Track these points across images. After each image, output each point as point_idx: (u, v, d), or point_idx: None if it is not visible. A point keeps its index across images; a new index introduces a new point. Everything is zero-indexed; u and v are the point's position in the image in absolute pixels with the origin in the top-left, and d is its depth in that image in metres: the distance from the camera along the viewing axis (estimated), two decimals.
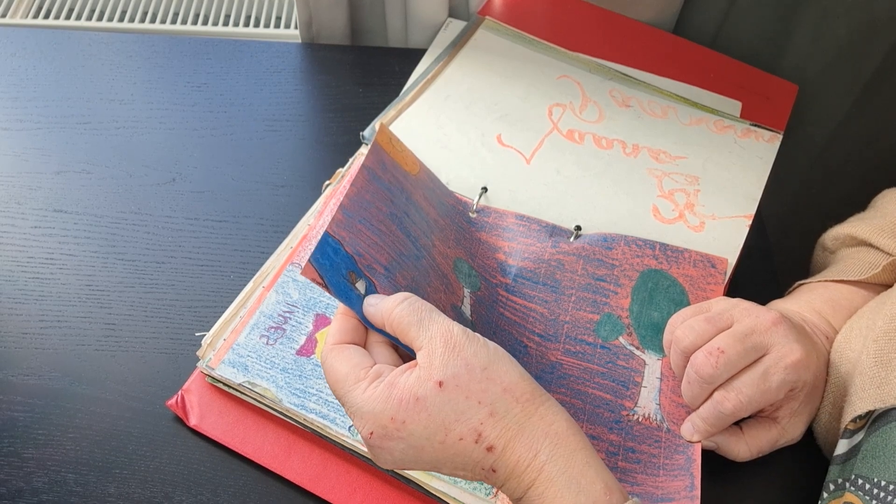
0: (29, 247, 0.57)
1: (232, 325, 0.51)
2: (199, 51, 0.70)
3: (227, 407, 0.49)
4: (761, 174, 0.61)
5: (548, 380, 0.49)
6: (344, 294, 0.39)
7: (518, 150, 0.61)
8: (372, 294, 0.40)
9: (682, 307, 0.51)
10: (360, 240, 0.42)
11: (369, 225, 0.43)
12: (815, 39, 0.72)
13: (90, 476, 0.47)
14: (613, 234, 0.55)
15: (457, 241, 0.52)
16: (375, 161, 0.47)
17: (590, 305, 0.52)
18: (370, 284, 0.41)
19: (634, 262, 0.54)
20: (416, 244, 0.46)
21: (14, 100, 0.65)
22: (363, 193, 0.44)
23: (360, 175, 0.45)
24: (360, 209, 0.43)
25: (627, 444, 0.47)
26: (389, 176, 0.47)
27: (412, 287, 0.43)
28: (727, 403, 0.44)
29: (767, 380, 0.44)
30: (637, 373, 0.50)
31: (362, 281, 0.41)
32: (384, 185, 0.46)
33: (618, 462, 0.47)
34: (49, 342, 0.52)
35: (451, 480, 0.46)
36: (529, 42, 0.69)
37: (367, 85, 0.68)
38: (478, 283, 0.51)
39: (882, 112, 0.77)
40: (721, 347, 0.44)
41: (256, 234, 0.58)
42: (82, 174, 0.61)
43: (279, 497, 0.47)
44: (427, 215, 0.49)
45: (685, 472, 0.46)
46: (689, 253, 0.54)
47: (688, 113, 0.65)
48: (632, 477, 0.46)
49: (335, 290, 0.39)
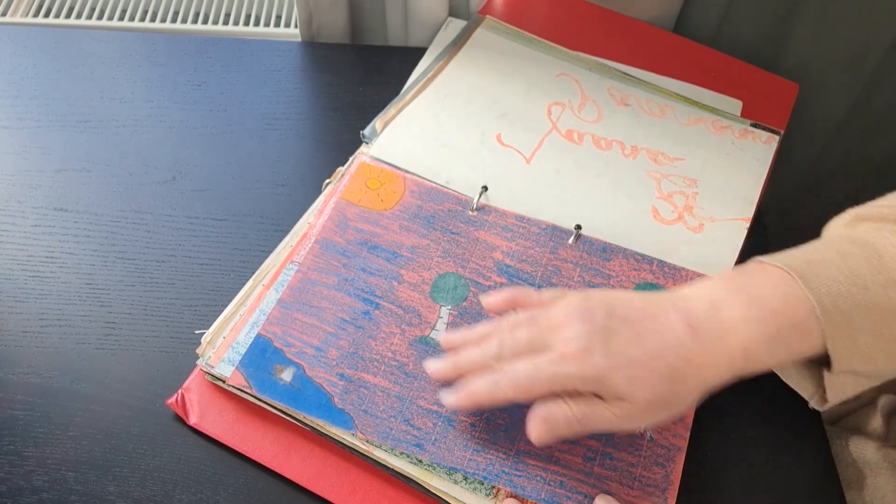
0: (29, 245, 0.57)
1: (232, 324, 0.51)
2: (199, 49, 0.70)
3: (228, 405, 0.49)
4: (758, 177, 0.61)
5: None
6: (268, 390, 0.48)
7: (518, 150, 0.61)
8: (300, 376, 0.48)
9: None
10: (293, 329, 0.51)
11: (307, 308, 0.51)
12: (815, 39, 0.72)
13: (90, 474, 0.47)
14: (613, 244, 0.55)
15: (443, 255, 0.54)
16: (335, 224, 0.55)
17: None
18: (298, 367, 0.49)
19: (631, 275, 0.54)
20: (370, 297, 0.52)
21: (14, 98, 0.65)
22: (309, 273, 0.53)
23: (310, 253, 0.54)
24: (301, 296, 0.52)
25: (606, 449, 0.47)
26: (350, 234, 0.55)
27: (347, 353, 0.50)
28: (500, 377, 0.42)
29: (538, 369, 0.42)
30: None
31: (290, 368, 0.49)
32: (339, 251, 0.54)
33: (594, 468, 0.46)
34: (49, 341, 0.52)
35: (451, 480, 0.46)
36: (530, 41, 0.69)
37: (368, 83, 0.68)
38: (465, 294, 0.52)
39: (882, 112, 0.77)
40: (513, 327, 0.44)
41: (256, 232, 0.58)
42: (82, 172, 0.61)
43: (279, 496, 0.47)
44: (398, 250, 0.54)
45: (660, 490, 0.46)
46: (686, 272, 0.54)
47: (686, 112, 0.65)
48: (605, 484, 0.46)
49: (258, 389, 0.48)
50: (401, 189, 0.57)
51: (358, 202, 0.56)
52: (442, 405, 0.47)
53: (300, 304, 0.52)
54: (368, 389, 0.48)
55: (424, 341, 0.51)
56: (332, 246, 0.54)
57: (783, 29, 0.72)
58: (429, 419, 0.48)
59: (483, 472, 0.46)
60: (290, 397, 0.48)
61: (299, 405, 0.47)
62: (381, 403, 0.48)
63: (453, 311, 0.52)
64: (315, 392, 0.48)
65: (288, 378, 0.48)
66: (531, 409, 0.43)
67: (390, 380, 0.49)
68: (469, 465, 0.46)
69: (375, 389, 0.48)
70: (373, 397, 0.48)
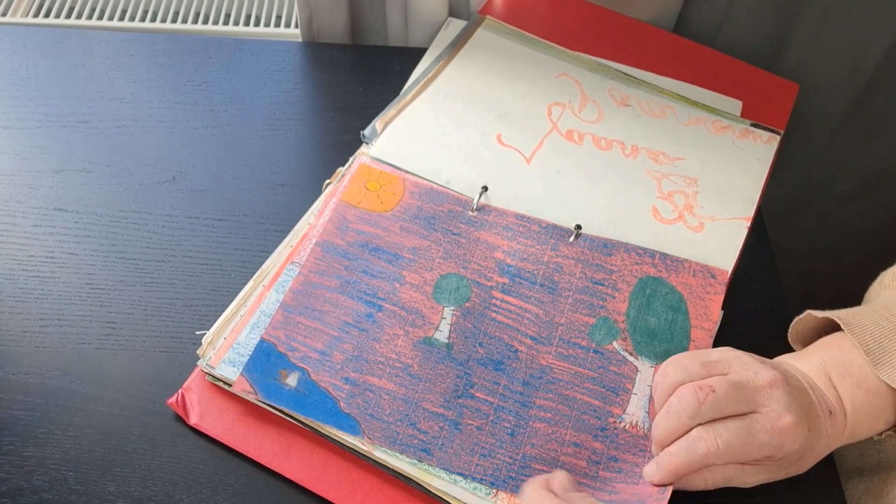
0: (29, 245, 0.57)
1: (232, 324, 0.51)
2: (199, 50, 0.70)
3: (228, 406, 0.49)
4: (758, 176, 0.61)
5: (536, 385, 0.49)
6: (274, 396, 0.48)
7: (518, 150, 0.61)
8: (305, 381, 0.48)
9: (680, 314, 0.51)
10: (296, 333, 0.50)
11: (310, 312, 0.51)
12: (815, 39, 0.72)
13: (90, 474, 0.47)
14: (614, 240, 0.55)
15: (445, 256, 0.54)
16: (335, 226, 0.55)
17: (586, 308, 0.52)
18: (303, 372, 0.49)
19: (633, 269, 0.54)
20: (373, 300, 0.52)
21: (14, 98, 0.65)
22: (311, 276, 0.53)
23: (311, 255, 0.53)
24: (303, 300, 0.52)
25: (611, 452, 0.47)
26: (351, 236, 0.55)
27: (352, 356, 0.50)
28: (702, 443, 0.41)
29: (752, 435, 0.41)
30: (628, 379, 0.50)
31: (294, 373, 0.49)
32: (340, 253, 0.54)
33: (599, 471, 0.46)
34: (49, 341, 0.52)
35: (451, 480, 0.46)
36: (530, 41, 0.69)
37: (368, 84, 0.68)
38: (467, 295, 0.52)
39: (882, 112, 0.77)
40: (713, 386, 0.42)
41: (257, 232, 0.58)
42: (82, 173, 0.61)
43: (279, 496, 0.47)
44: (399, 252, 0.54)
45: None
46: (689, 263, 0.54)
47: (686, 113, 0.65)
48: (610, 486, 0.46)
49: (264, 394, 0.48)
50: (400, 190, 0.57)
51: (358, 204, 0.56)
52: (447, 408, 0.48)
53: (303, 307, 0.51)
54: (374, 393, 0.48)
55: (428, 342, 0.51)
56: (332, 248, 0.54)
57: (783, 29, 0.72)
58: (434, 422, 0.48)
59: (490, 478, 0.46)
60: (296, 402, 0.48)
61: (306, 411, 0.47)
62: (386, 407, 0.48)
63: (456, 311, 0.52)
64: (321, 397, 0.48)
65: (293, 383, 0.48)
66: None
67: (395, 382, 0.49)
68: (476, 470, 0.46)
69: (381, 393, 0.48)
70: (378, 401, 0.48)
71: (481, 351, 0.50)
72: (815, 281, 0.93)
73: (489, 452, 0.47)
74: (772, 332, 0.53)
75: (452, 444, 0.47)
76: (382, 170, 0.58)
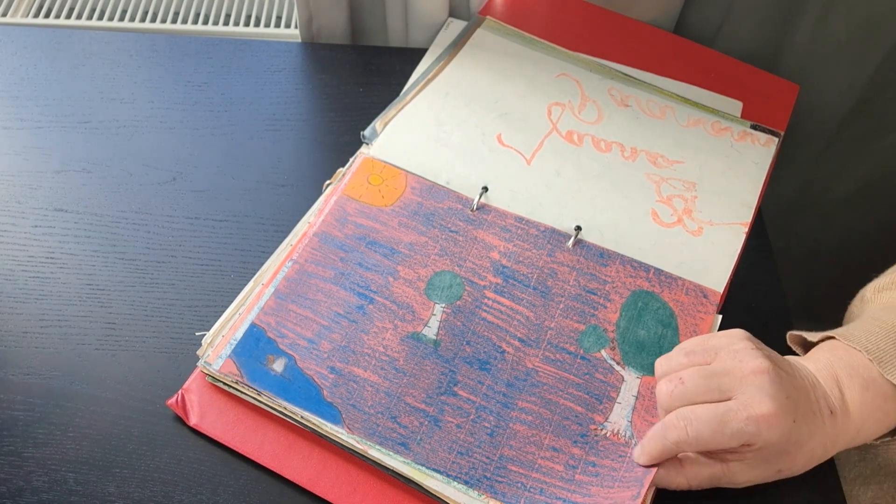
0: (29, 246, 0.57)
1: (230, 323, 0.51)
2: (199, 50, 0.70)
3: (228, 406, 0.49)
4: (756, 181, 0.61)
5: (520, 387, 0.49)
6: (259, 380, 0.48)
7: (518, 151, 0.61)
8: (292, 367, 0.49)
9: (670, 329, 0.52)
10: (287, 320, 0.51)
11: (302, 300, 0.52)
12: (815, 39, 0.72)
13: (90, 475, 0.47)
14: (611, 251, 0.55)
15: (441, 253, 0.54)
16: (334, 218, 0.55)
17: (577, 315, 0.53)
18: (290, 359, 0.49)
19: (627, 282, 0.54)
20: (365, 292, 0.52)
21: (14, 99, 0.66)
22: (306, 266, 0.53)
23: (308, 245, 0.54)
24: (296, 288, 0.52)
25: (589, 458, 0.47)
26: (350, 228, 0.55)
27: (339, 346, 0.50)
28: (672, 430, 0.42)
29: (722, 423, 0.41)
30: (613, 388, 0.50)
31: (281, 359, 0.49)
32: (337, 244, 0.54)
33: (575, 475, 0.46)
34: (49, 341, 0.53)
35: (446, 480, 0.46)
36: (530, 42, 0.69)
37: (368, 84, 0.68)
38: (459, 293, 0.53)
39: (882, 112, 0.77)
40: (682, 378, 0.43)
41: (257, 233, 0.58)
42: (83, 173, 0.61)
43: (279, 496, 0.47)
44: (396, 246, 0.54)
45: (637, 482, 0.45)
46: (682, 281, 0.55)
47: (686, 114, 0.65)
48: (585, 489, 0.46)
49: (249, 378, 0.48)
50: (402, 186, 0.57)
51: (359, 197, 0.57)
52: (429, 404, 0.48)
53: (295, 295, 0.52)
54: (358, 384, 0.49)
55: (416, 337, 0.51)
56: (330, 240, 0.54)
57: (783, 29, 0.72)
58: (415, 417, 0.48)
59: (465, 476, 0.46)
60: (280, 388, 0.48)
61: (289, 396, 0.48)
62: (369, 398, 0.48)
63: (447, 308, 0.52)
64: (305, 384, 0.48)
65: (279, 369, 0.49)
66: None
67: (380, 375, 0.49)
68: (452, 467, 0.46)
69: (365, 384, 0.49)
70: (361, 392, 0.48)
71: (468, 349, 0.51)
72: (815, 282, 0.93)
73: (466, 451, 0.47)
74: (772, 333, 0.53)
75: (431, 440, 0.47)
76: (386, 164, 0.59)
